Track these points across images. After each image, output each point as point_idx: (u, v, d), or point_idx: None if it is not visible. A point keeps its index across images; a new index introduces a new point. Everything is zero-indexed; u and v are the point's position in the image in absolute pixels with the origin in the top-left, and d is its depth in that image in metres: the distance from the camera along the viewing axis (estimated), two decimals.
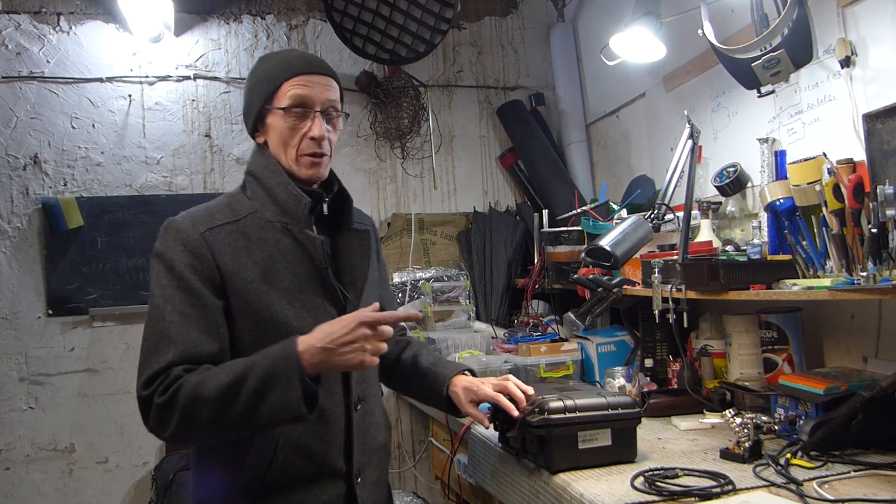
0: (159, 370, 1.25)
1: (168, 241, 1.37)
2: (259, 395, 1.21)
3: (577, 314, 2.20)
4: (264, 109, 1.42)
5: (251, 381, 1.22)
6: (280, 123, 1.40)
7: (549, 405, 1.56)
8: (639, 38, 2.34)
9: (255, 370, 1.23)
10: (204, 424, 1.23)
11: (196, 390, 1.22)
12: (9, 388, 3.00)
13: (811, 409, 1.65)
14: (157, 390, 1.24)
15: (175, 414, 1.22)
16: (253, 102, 1.44)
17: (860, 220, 1.65)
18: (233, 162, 3.33)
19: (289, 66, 1.41)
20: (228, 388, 1.22)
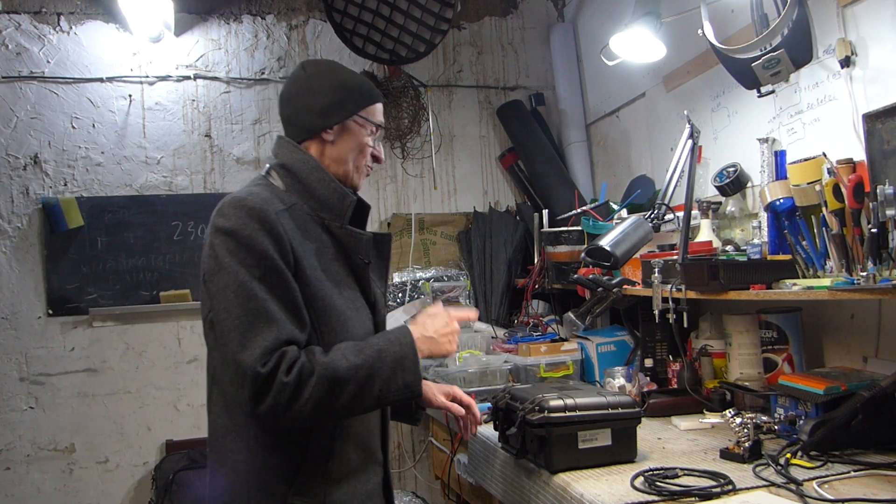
0: (270, 347, 1.23)
1: (241, 218, 1.30)
2: (392, 377, 1.30)
3: (577, 314, 2.20)
4: (358, 116, 1.47)
5: (385, 365, 1.30)
6: (363, 135, 1.48)
7: (549, 404, 1.56)
8: (639, 38, 2.34)
9: (385, 354, 1.32)
10: (338, 405, 1.27)
11: (331, 371, 1.25)
12: (9, 388, 3.00)
13: (811, 409, 1.65)
14: (279, 368, 1.22)
15: (308, 393, 1.23)
16: (347, 104, 1.46)
17: (860, 220, 1.65)
18: (233, 162, 3.33)
19: (379, 92, 1.54)
20: (363, 368, 1.28)
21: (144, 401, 3.14)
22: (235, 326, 1.25)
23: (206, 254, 1.33)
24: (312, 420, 1.29)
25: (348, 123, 1.46)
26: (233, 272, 1.27)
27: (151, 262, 3.15)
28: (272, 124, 3.39)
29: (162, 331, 3.18)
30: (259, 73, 3.38)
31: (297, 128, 1.48)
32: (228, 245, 1.29)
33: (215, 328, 1.30)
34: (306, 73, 1.48)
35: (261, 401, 1.22)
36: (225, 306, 1.27)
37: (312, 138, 1.46)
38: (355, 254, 1.43)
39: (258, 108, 3.38)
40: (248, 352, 1.22)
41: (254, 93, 3.38)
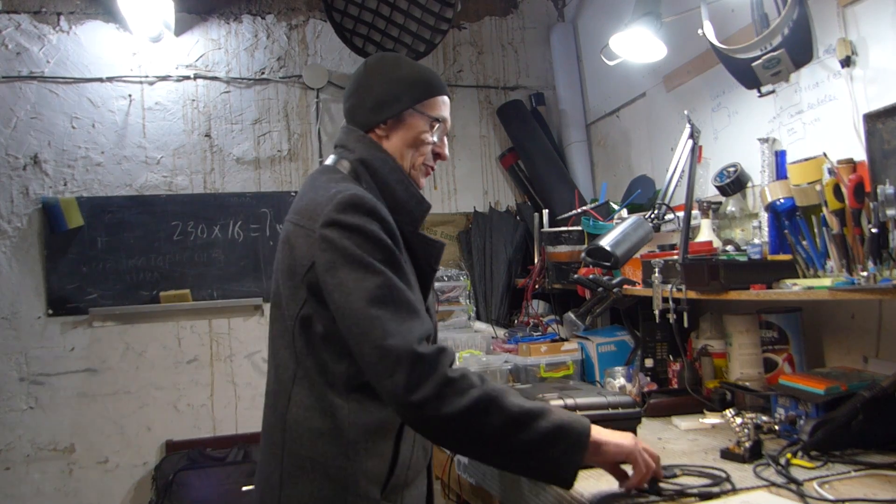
0: (424, 334, 1.18)
1: (363, 216, 1.25)
2: (548, 440, 1.19)
3: (578, 314, 2.20)
4: (413, 110, 1.40)
5: (545, 423, 1.19)
6: (420, 129, 1.41)
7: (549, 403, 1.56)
8: (639, 38, 2.34)
9: (553, 416, 1.20)
10: (479, 433, 1.17)
11: (497, 396, 1.16)
12: (9, 388, 3.00)
13: (811, 409, 1.64)
14: (443, 359, 1.15)
15: (467, 401, 1.14)
16: (400, 97, 1.40)
17: (860, 220, 1.65)
18: (233, 162, 3.33)
19: (442, 83, 1.45)
20: (526, 414, 1.18)
21: (144, 401, 3.14)
22: (381, 315, 1.17)
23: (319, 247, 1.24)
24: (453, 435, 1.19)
25: (403, 117, 1.40)
26: (366, 263, 1.21)
27: (151, 262, 3.15)
28: (272, 124, 3.39)
29: (162, 331, 3.18)
30: (259, 73, 3.38)
31: (357, 121, 1.42)
32: (355, 240, 1.23)
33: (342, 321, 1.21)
34: (366, 68, 1.44)
35: (417, 388, 1.13)
36: (360, 296, 1.19)
37: (370, 133, 1.41)
38: (425, 260, 1.40)
39: (258, 107, 3.37)
40: (401, 336, 1.15)
41: (254, 93, 3.37)
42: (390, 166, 1.39)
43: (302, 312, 1.28)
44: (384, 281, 1.21)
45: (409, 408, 1.15)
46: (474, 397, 1.14)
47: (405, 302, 1.21)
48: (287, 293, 1.31)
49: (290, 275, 1.30)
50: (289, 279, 1.30)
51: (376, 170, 1.38)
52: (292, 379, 1.32)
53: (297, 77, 3.42)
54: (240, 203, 3.29)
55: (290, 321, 1.31)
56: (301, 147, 3.42)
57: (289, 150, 3.41)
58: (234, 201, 3.28)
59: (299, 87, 3.43)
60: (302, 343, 1.30)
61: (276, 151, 3.39)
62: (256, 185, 3.34)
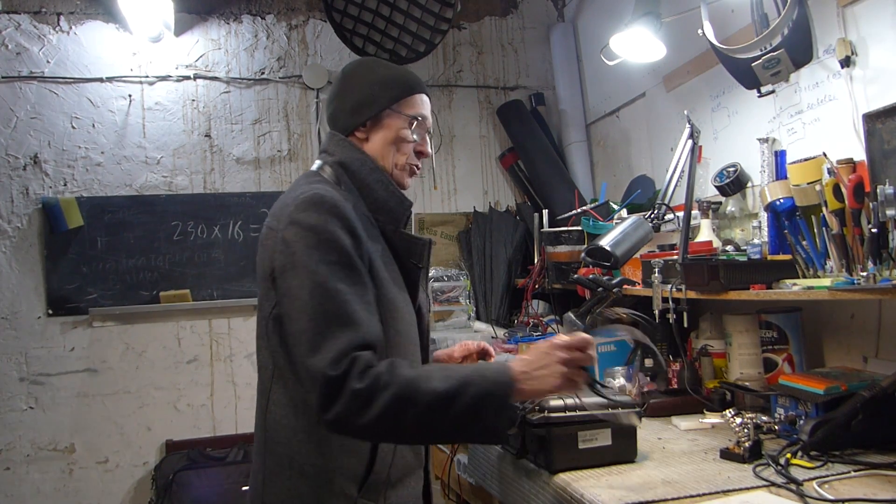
0: (344, 350, 1.16)
1: (322, 214, 1.25)
2: (472, 414, 1.18)
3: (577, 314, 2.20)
4: (390, 110, 1.41)
5: (467, 398, 1.17)
6: (399, 129, 1.41)
7: (549, 403, 1.56)
8: (639, 38, 2.34)
9: (471, 388, 1.18)
10: (409, 425, 1.18)
11: (406, 391, 1.16)
12: (9, 388, 3.00)
13: (811, 408, 1.64)
14: (351, 373, 1.15)
15: (378, 405, 1.15)
16: (377, 98, 1.41)
17: (860, 219, 1.65)
18: (233, 162, 3.33)
19: (419, 82, 1.46)
20: (444, 397, 1.17)
21: (144, 401, 3.14)
22: (308, 328, 1.19)
23: (278, 249, 1.26)
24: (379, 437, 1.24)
25: (381, 118, 1.41)
26: (311, 270, 1.21)
27: (151, 262, 3.15)
28: (272, 124, 3.39)
29: (162, 331, 3.18)
30: (259, 73, 3.38)
31: (339, 126, 1.44)
32: (308, 241, 1.23)
33: (285, 327, 1.24)
34: (343, 74, 1.47)
35: (329, 408, 1.15)
36: (299, 306, 1.21)
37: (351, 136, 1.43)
38: (409, 258, 1.40)
39: (258, 108, 3.38)
40: (319, 355, 1.16)
41: (253, 93, 3.37)
42: (369, 167, 1.40)
43: (274, 312, 1.29)
44: (323, 290, 1.20)
45: (328, 424, 1.18)
46: (386, 401, 1.15)
47: (337, 314, 1.20)
48: (261, 293, 1.34)
49: (262, 276, 1.32)
50: (262, 280, 1.33)
51: (355, 171, 1.40)
52: (270, 378, 1.34)
53: (297, 77, 3.42)
54: (240, 203, 3.29)
55: (265, 321, 1.33)
56: (301, 147, 3.42)
57: (289, 150, 3.41)
58: (234, 201, 3.28)
59: (299, 87, 3.43)
60: (276, 342, 1.31)
61: (276, 151, 3.39)
62: (256, 185, 3.34)
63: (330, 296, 1.20)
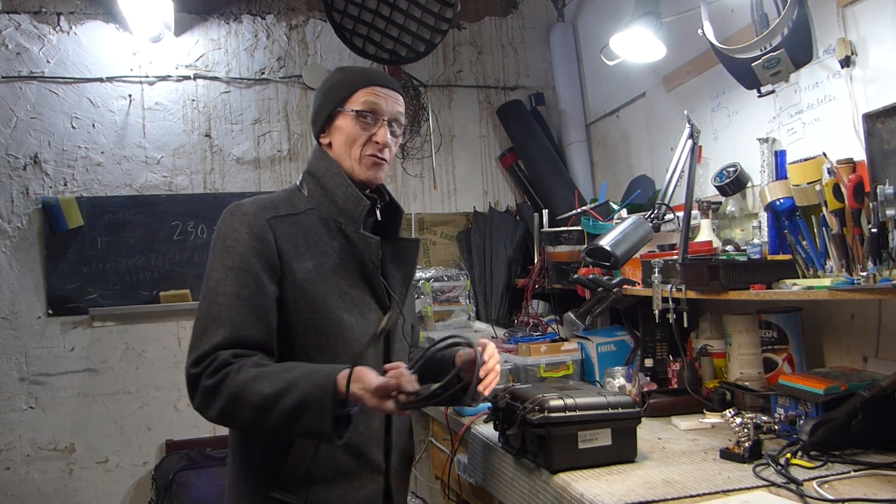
0: (208, 350, 1.29)
1: (234, 223, 1.39)
2: (293, 417, 1.25)
3: (577, 314, 2.20)
4: (336, 111, 1.49)
5: (287, 402, 1.25)
6: (349, 125, 1.48)
7: (549, 403, 1.56)
8: (639, 38, 2.34)
9: (294, 392, 1.25)
10: (243, 423, 1.31)
11: (240, 391, 1.27)
12: (9, 388, 3.00)
13: (811, 408, 1.65)
14: (205, 371, 1.29)
15: (218, 403, 1.28)
16: (326, 104, 1.51)
17: (860, 219, 1.65)
18: (233, 162, 3.33)
19: (366, 77, 1.51)
20: (267, 400, 1.25)
21: (144, 401, 3.14)
22: (195, 328, 1.34)
23: None
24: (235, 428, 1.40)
25: (333, 121, 1.50)
26: (210, 275, 1.36)
27: (151, 262, 3.15)
28: (272, 124, 3.39)
29: (162, 331, 3.18)
30: (259, 73, 3.38)
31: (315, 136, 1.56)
32: (215, 247, 1.38)
33: None
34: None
35: (192, 399, 1.32)
36: (198, 308, 1.36)
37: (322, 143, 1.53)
38: (365, 258, 1.46)
39: (258, 108, 3.38)
40: (191, 354, 1.31)
41: (254, 93, 3.38)
42: (332, 172, 1.48)
43: None
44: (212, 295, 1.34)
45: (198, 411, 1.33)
46: (224, 398, 1.27)
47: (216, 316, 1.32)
48: None
49: None
50: None
51: (320, 178, 1.49)
52: None
53: (297, 77, 3.42)
54: None
55: None
56: (301, 147, 3.42)
57: (289, 150, 3.41)
58: (234, 201, 3.28)
59: (299, 87, 3.43)
60: None
61: (276, 151, 3.39)
62: (256, 186, 3.35)
63: (215, 298, 1.33)
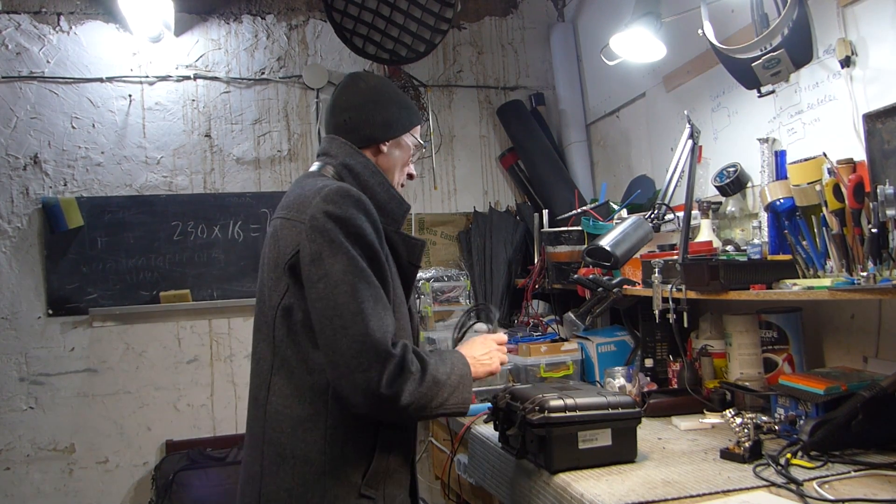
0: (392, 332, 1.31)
1: (349, 207, 1.34)
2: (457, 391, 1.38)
3: (577, 314, 2.20)
4: (409, 134, 1.58)
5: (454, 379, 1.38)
6: (409, 151, 1.59)
7: (549, 404, 1.56)
8: (639, 38, 2.34)
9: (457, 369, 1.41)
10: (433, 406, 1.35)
11: (436, 373, 1.34)
12: (9, 388, 3.00)
13: (811, 409, 1.65)
14: (406, 357, 1.30)
15: (423, 388, 1.31)
16: (404, 121, 1.56)
17: (860, 220, 1.65)
18: (233, 162, 3.33)
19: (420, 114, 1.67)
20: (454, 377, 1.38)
21: (144, 401, 3.14)
22: (360, 309, 1.26)
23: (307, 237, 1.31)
24: (409, 416, 1.36)
25: (403, 138, 1.56)
26: (351, 257, 1.29)
27: (151, 262, 3.15)
28: (272, 124, 3.39)
29: (162, 331, 3.18)
30: (259, 73, 3.38)
31: (357, 135, 1.52)
32: (343, 230, 1.31)
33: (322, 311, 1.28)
34: (367, 84, 1.56)
35: (392, 384, 1.26)
36: (345, 289, 1.27)
37: (369, 147, 1.53)
38: (407, 258, 1.49)
39: (258, 108, 3.38)
40: (379, 335, 1.26)
41: (254, 93, 3.37)
42: (371, 170, 1.49)
43: (283, 302, 1.35)
44: (366, 276, 1.30)
45: (382, 400, 1.26)
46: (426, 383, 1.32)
47: (381, 298, 1.31)
48: (270, 284, 1.39)
49: (273, 266, 1.39)
50: (272, 270, 1.39)
51: (359, 173, 1.48)
52: (270, 370, 1.39)
53: (297, 77, 3.42)
54: (240, 203, 3.29)
55: (272, 311, 1.38)
56: (301, 147, 3.42)
57: (289, 150, 3.41)
58: (234, 201, 3.28)
59: (299, 87, 3.43)
60: (283, 332, 1.36)
61: (276, 151, 3.39)
62: (256, 185, 3.35)
63: (370, 281, 1.30)
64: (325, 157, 1.52)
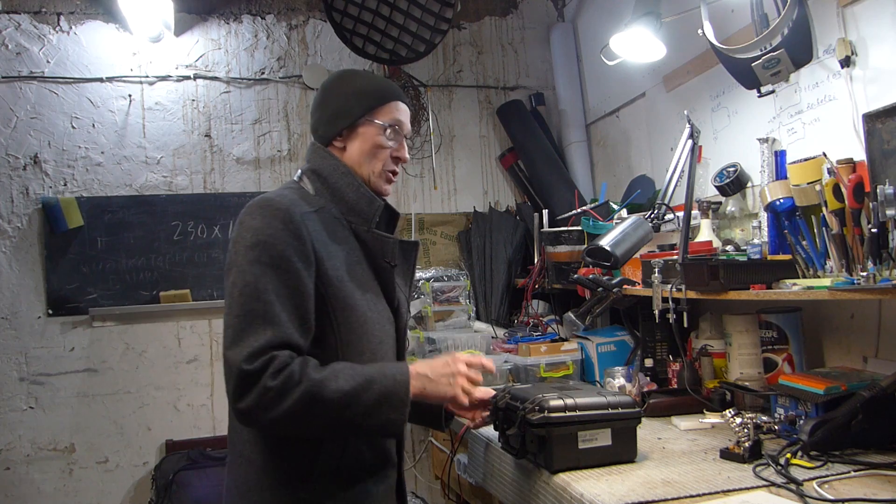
0: (261, 348, 1.24)
1: (266, 217, 1.33)
2: (374, 409, 1.28)
3: (577, 314, 2.20)
4: (363, 119, 1.48)
5: (370, 395, 1.28)
6: (375, 137, 1.48)
7: (549, 403, 1.56)
8: (639, 38, 2.34)
9: (375, 386, 1.29)
10: (316, 421, 1.27)
11: (318, 388, 1.25)
12: (9, 388, 3.00)
13: (811, 408, 1.65)
14: (266, 370, 1.22)
15: (288, 402, 1.23)
16: (352, 109, 1.48)
17: (860, 219, 1.65)
18: (233, 162, 3.33)
19: (393, 90, 1.52)
20: (349, 395, 1.27)
21: (144, 401, 3.14)
22: (233, 324, 1.26)
23: (229, 249, 1.35)
24: (286, 431, 1.30)
25: (356, 128, 1.48)
26: (245, 270, 1.29)
27: (151, 262, 3.15)
28: (272, 124, 3.39)
29: (162, 331, 3.18)
30: (259, 73, 3.38)
31: (318, 136, 1.52)
32: (248, 242, 1.31)
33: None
34: (323, 85, 1.55)
35: (241, 398, 1.23)
36: (230, 302, 1.28)
37: (331, 145, 1.50)
38: (381, 257, 1.45)
39: (258, 108, 3.38)
40: (237, 349, 1.23)
41: (254, 93, 3.38)
42: (340, 172, 1.46)
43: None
44: (253, 290, 1.27)
45: (240, 415, 1.25)
46: (295, 399, 1.23)
47: (261, 313, 1.26)
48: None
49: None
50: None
51: (326, 176, 1.47)
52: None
53: (297, 77, 3.42)
54: (240, 203, 3.29)
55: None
56: (301, 147, 3.42)
57: (289, 150, 3.41)
58: (234, 201, 3.28)
59: (299, 87, 3.43)
60: None
61: (276, 151, 3.39)
62: (256, 185, 3.35)
63: (257, 295, 1.27)
64: (304, 163, 1.53)
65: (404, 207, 3.52)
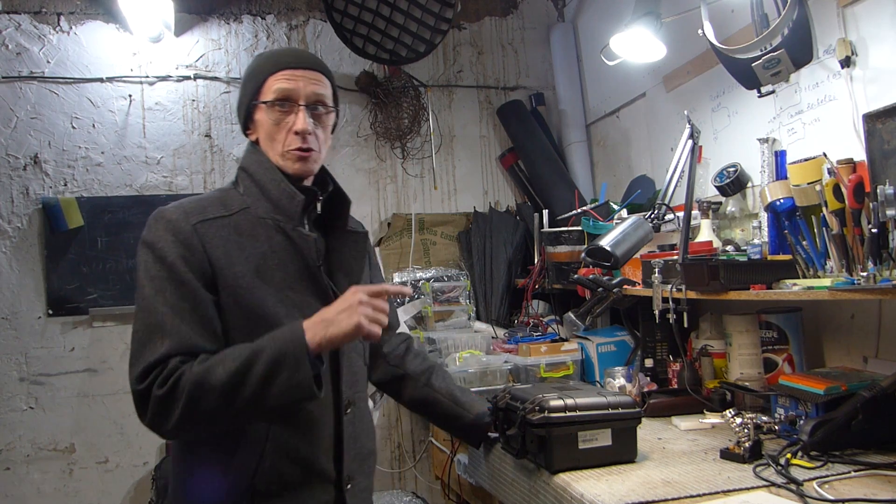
0: (154, 362, 1.22)
1: (158, 230, 1.33)
2: (269, 378, 1.20)
3: (578, 314, 2.20)
4: (252, 105, 1.42)
5: (260, 365, 1.20)
6: (266, 118, 1.40)
7: (549, 404, 1.56)
8: (639, 38, 2.34)
9: (264, 354, 1.21)
10: (210, 412, 1.20)
11: (202, 378, 1.20)
12: (9, 388, 3.00)
13: (811, 409, 1.65)
14: (154, 382, 1.20)
15: (178, 404, 1.19)
16: (243, 98, 1.45)
17: (860, 220, 1.65)
18: (233, 162, 3.33)
19: (275, 61, 1.42)
20: (236, 373, 1.20)
21: None
22: (134, 342, 1.26)
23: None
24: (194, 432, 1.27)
25: (252, 115, 1.43)
26: (142, 287, 1.29)
27: None
28: None
29: None
30: None
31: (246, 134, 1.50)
32: (144, 257, 1.31)
33: None
34: None
35: (143, 416, 1.23)
36: (134, 321, 1.29)
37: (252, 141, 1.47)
38: (306, 256, 1.37)
39: None
40: (132, 370, 1.24)
41: None
42: (265, 167, 1.41)
43: None
44: (148, 305, 1.27)
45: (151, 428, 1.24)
46: (182, 400, 1.19)
47: (156, 327, 1.25)
48: None
49: None
50: None
51: (252, 173, 1.42)
52: None
53: None
54: None
55: None
56: None
57: None
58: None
59: None
60: None
61: None
62: None
63: (150, 310, 1.26)
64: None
65: (404, 207, 3.52)
